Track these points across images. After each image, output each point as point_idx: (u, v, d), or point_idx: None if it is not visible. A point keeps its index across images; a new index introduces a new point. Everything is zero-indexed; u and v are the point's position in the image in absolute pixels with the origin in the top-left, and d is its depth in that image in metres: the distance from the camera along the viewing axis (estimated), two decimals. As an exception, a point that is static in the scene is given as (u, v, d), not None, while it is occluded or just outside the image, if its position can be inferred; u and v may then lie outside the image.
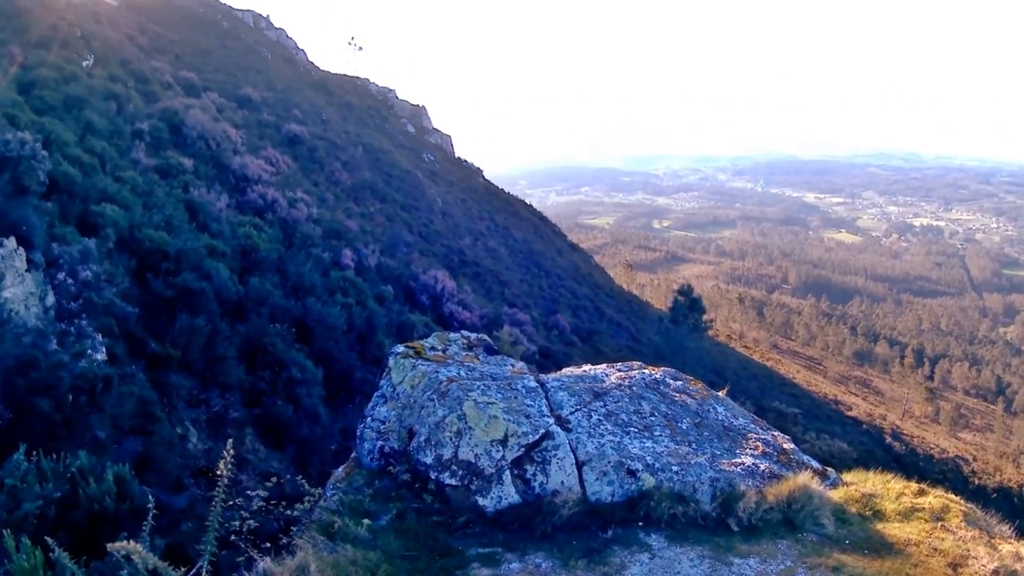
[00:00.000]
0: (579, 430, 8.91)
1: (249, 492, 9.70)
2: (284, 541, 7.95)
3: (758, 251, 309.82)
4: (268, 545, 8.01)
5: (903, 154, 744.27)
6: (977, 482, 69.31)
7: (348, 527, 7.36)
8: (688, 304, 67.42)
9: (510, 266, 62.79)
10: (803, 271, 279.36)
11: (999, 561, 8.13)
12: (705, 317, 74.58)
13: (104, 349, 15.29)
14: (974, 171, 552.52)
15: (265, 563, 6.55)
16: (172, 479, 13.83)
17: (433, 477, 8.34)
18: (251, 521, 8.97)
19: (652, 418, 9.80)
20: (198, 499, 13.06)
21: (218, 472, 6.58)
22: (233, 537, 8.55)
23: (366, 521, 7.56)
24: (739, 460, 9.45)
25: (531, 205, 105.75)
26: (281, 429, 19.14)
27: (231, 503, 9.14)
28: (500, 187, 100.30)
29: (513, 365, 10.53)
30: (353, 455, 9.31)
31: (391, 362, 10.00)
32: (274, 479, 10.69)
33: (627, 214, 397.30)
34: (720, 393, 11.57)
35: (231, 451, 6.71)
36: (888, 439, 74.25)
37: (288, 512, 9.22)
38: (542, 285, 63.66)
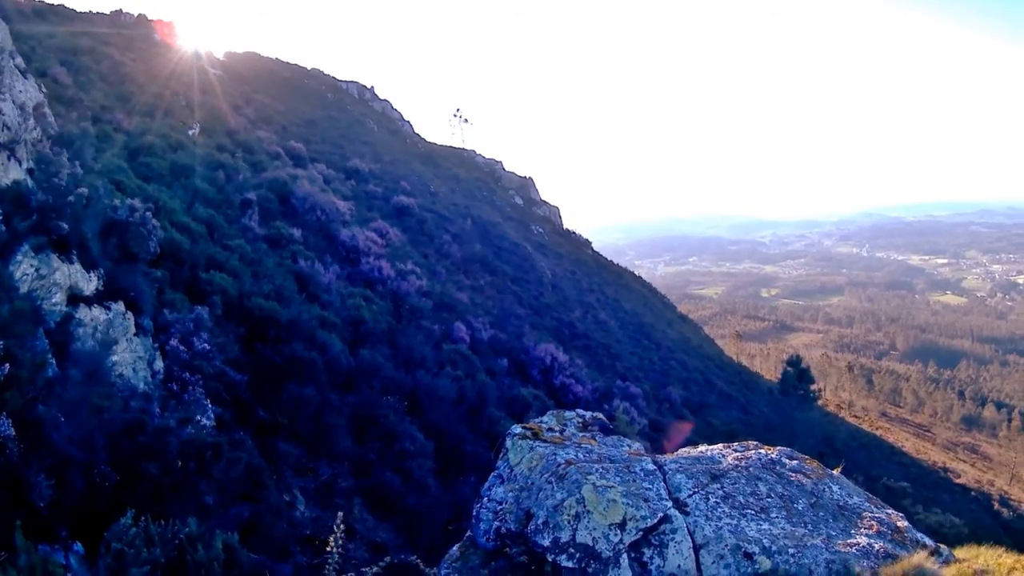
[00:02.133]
0: (696, 513, 8.65)
1: (362, 567, 9.62)
2: None
3: (865, 317, 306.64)
4: None
5: (1003, 208, 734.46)
6: (1082, 546, 67.72)
7: None
8: (797, 374, 66.67)
9: (620, 339, 62.57)
10: (910, 336, 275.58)
11: None
12: (814, 387, 73.88)
13: (213, 415, 15.52)
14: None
15: None
16: (278, 546, 13.78)
17: (550, 559, 8.11)
18: None
19: (768, 499, 9.54)
20: (303, 568, 13.02)
21: (328, 545, 6.44)
22: None
23: None
24: (854, 540, 9.05)
25: (640, 276, 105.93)
26: (390, 500, 19.06)
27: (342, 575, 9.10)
28: (609, 258, 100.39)
29: (630, 446, 10.45)
30: (468, 534, 9.22)
31: (508, 443, 9.96)
32: (387, 558, 10.35)
33: (735, 283, 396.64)
34: (835, 471, 11.18)
35: (341, 525, 6.55)
36: (996, 505, 72.55)
37: None
38: (652, 358, 63.30)
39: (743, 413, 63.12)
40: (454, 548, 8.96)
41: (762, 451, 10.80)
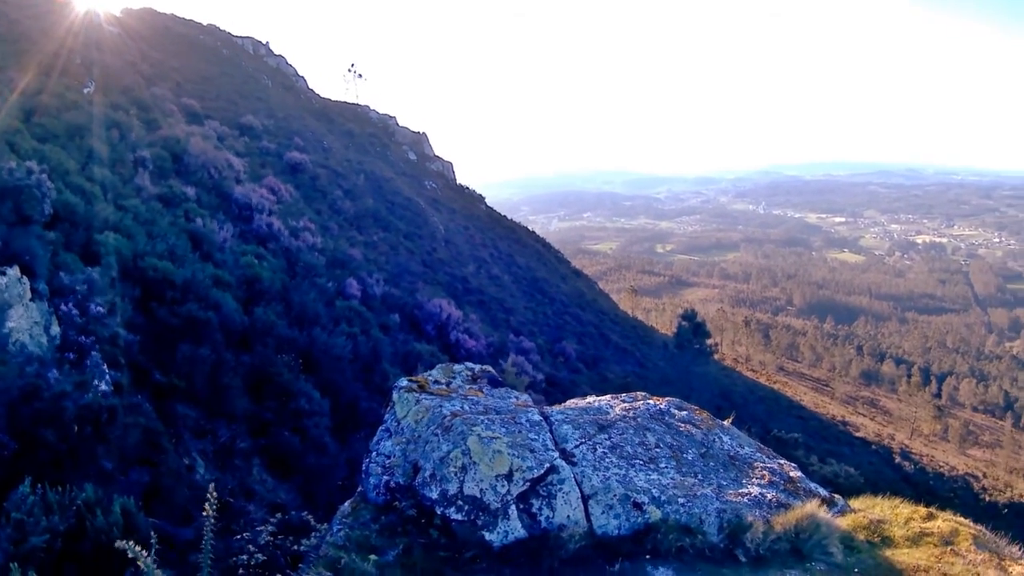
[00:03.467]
0: (584, 464, 8.92)
1: (257, 526, 9.75)
2: None
3: (762, 273, 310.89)
4: None
5: (903, 170, 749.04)
6: (988, 499, 69.30)
7: (355, 563, 7.35)
8: (692, 329, 67.44)
9: (514, 293, 62.83)
10: (807, 292, 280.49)
11: None
12: (710, 341, 74.77)
13: (109, 379, 15.25)
14: (975, 185, 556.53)
15: None
16: (180, 510, 13.72)
17: (439, 512, 8.33)
18: (259, 555, 9.05)
19: (657, 450, 9.82)
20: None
21: (204, 513, 6.51)
22: (241, 571, 8.72)
23: (373, 557, 7.55)
24: (746, 490, 9.46)
25: (533, 231, 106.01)
26: (288, 459, 19.09)
27: (239, 536, 9.35)
28: (503, 214, 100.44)
29: (517, 398, 10.58)
30: (359, 489, 9.31)
31: (395, 396, 10.03)
32: (279, 514, 10.71)
33: (630, 239, 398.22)
34: (725, 422, 11.58)
35: (214, 494, 6.64)
36: (897, 459, 74.27)
37: (295, 547, 9.26)
38: (547, 312, 63.68)
39: (639, 367, 63.69)
40: (346, 504, 9.09)
41: (651, 402, 11.17)
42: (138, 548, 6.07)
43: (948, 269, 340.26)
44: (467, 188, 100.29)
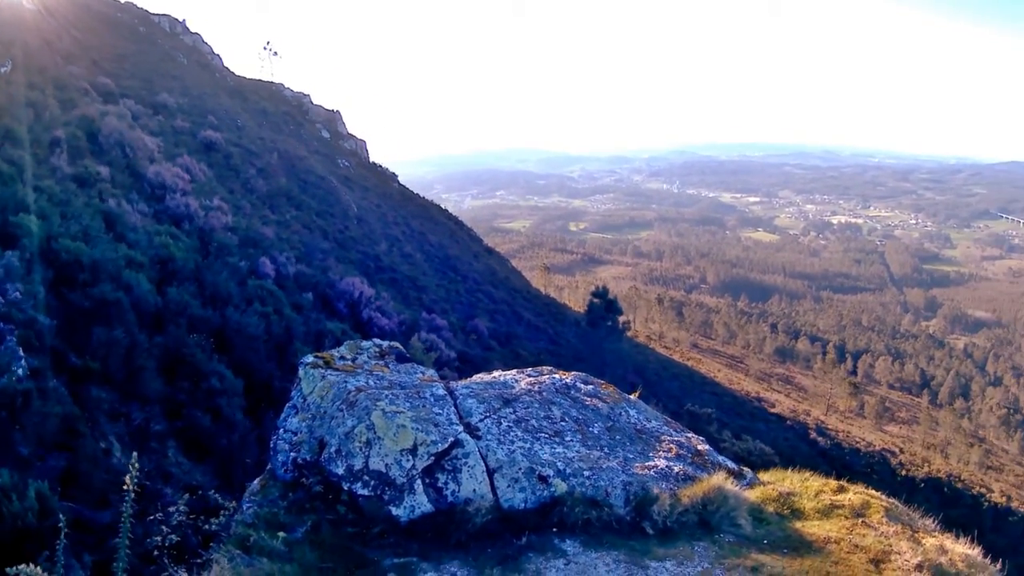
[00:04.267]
0: (489, 437, 8.93)
1: (169, 509, 9.62)
2: (203, 556, 7.66)
3: (675, 252, 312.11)
4: (196, 560, 7.79)
5: (820, 152, 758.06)
6: (905, 473, 71.06)
7: (264, 540, 7.24)
8: (605, 305, 67.44)
9: (427, 271, 62.85)
10: (721, 270, 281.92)
11: (923, 556, 8.04)
12: (623, 318, 74.64)
13: (26, 364, 15.09)
14: (892, 168, 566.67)
15: None
16: (98, 494, 13.68)
17: (346, 488, 8.26)
18: (172, 536, 9.01)
19: (563, 423, 9.84)
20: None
21: (125, 486, 6.63)
22: (156, 552, 8.63)
23: (281, 534, 7.44)
24: (652, 463, 9.48)
25: (446, 210, 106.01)
26: (203, 440, 19.07)
27: (152, 517, 9.23)
28: (415, 192, 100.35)
29: (423, 373, 10.59)
30: (268, 467, 9.22)
31: (301, 372, 9.96)
32: (187, 493, 10.78)
33: (543, 217, 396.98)
34: (633, 396, 11.63)
35: (136, 465, 6.78)
36: (813, 434, 75.19)
37: (206, 526, 9.26)
38: (459, 290, 63.76)
39: (551, 344, 63.96)
40: (255, 482, 9.01)
41: (556, 376, 11.18)
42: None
43: (864, 249, 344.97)
44: (380, 166, 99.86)
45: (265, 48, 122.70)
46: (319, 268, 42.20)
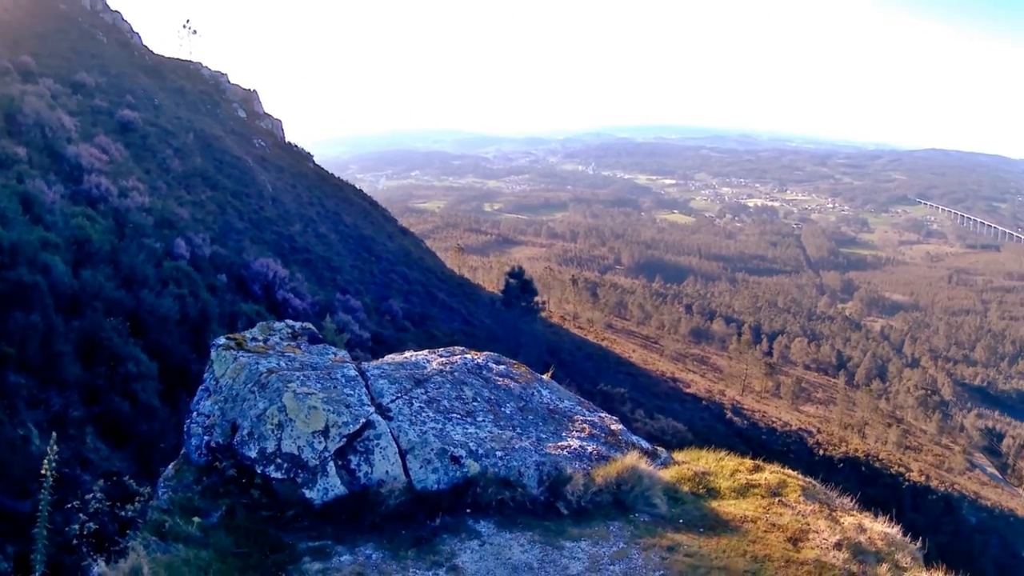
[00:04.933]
0: (400, 418, 9.01)
1: (88, 495, 9.43)
2: (121, 544, 7.73)
3: (590, 233, 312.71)
4: (115, 548, 7.73)
5: (737, 135, 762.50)
6: (822, 453, 72.08)
7: (179, 526, 7.42)
8: (519, 286, 67.40)
9: (341, 252, 62.70)
10: (636, 252, 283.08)
11: (841, 534, 8.40)
12: (537, 299, 74.88)
13: None
14: (810, 153, 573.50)
15: (100, 567, 6.62)
16: (17, 484, 13.72)
17: (259, 471, 8.41)
18: (90, 524, 8.89)
19: (475, 403, 10.00)
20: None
21: (43, 474, 6.77)
22: (75, 541, 8.56)
23: (196, 519, 7.62)
24: (565, 443, 9.65)
25: (361, 190, 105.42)
26: (121, 426, 19.01)
27: (71, 505, 9.13)
28: (330, 172, 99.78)
29: (335, 354, 10.61)
30: (183, 451, 9.27)
31: (213, 354, 9.98)
32: (100, 481, 10.46)
33: (458, 197, 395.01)
34: (545, 376, 11.79)
35: (54, 447, 6.94)
36: (729, 414, 75.90)
37: (123, 513, 9.14)
38: (373, 271, 63.69)
39: (465, 324, 64.07)
40: (169, 466, 9.02)
41: (468, 356, 11.41)
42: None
43: (780, 232, 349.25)
44: (296, 146, 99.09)
45: (184, 26, 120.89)
46: (234, 249, 42.01)
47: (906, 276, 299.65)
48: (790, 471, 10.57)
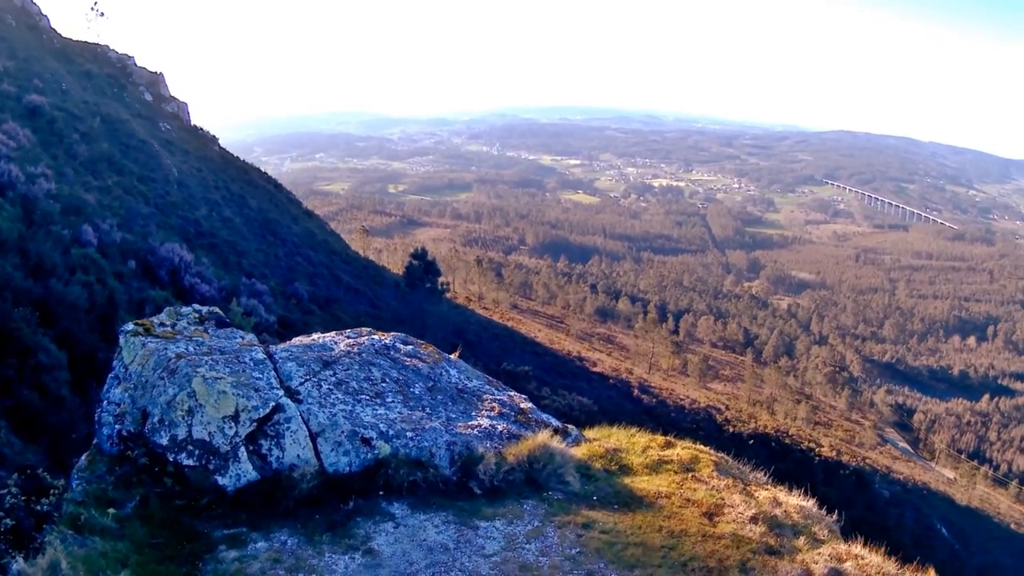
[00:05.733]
0: (310, 401, 9.15)
1: (2, 490, 9.54)
2: (38, 539, 7.76)
3: (494, 213, 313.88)
4: (33, 545, 7.71)
5: (643, 116, 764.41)
6: (732, 430, 73.32)
7: (94, 518, 7.37)
8: (424, 267, 67.16)
9: (247, 236, 62.18)
10: (541, 232, 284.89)
11: (757, 508, 8.76)
12: (442, 280, 74.51)
13: None
14: (716, 134, 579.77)
15: (19, 564, 6.61)
16: None
17: (171, 459, 8.45)
18: (7, 520, 8.92)
19: (384, 384, 10.20)
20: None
21: None
22: None
23: (111, 510, 7.58)
24: (476, 422, 9.97)
25: (266, 173, 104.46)
26: (34, 419, 18.82)
27: None
28: (236, 155, 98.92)
29: (243, 338, 10.68)
30: (95, 441, 9.30)
31: (122, 341, 9.94)
32: (15, 475, 10.40)
33: (362, 179, 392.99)
34: (453, 356, 12.09)
35: None
36: (636, 392, 76.36)
37: (38, 507, 9.10)
38: (279, 254, 63.28)
39: (371, 307, 63.90)
40: (82, 458, 9.03)
41: (376, 337, 11.61)
42: None
43: (685, 212, 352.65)
44: (201, 129, 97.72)
45: (92, 8, 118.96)
46: (140, 235, 41.36)
47: (813, 255, 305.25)
48: (702, 447, 10.81)
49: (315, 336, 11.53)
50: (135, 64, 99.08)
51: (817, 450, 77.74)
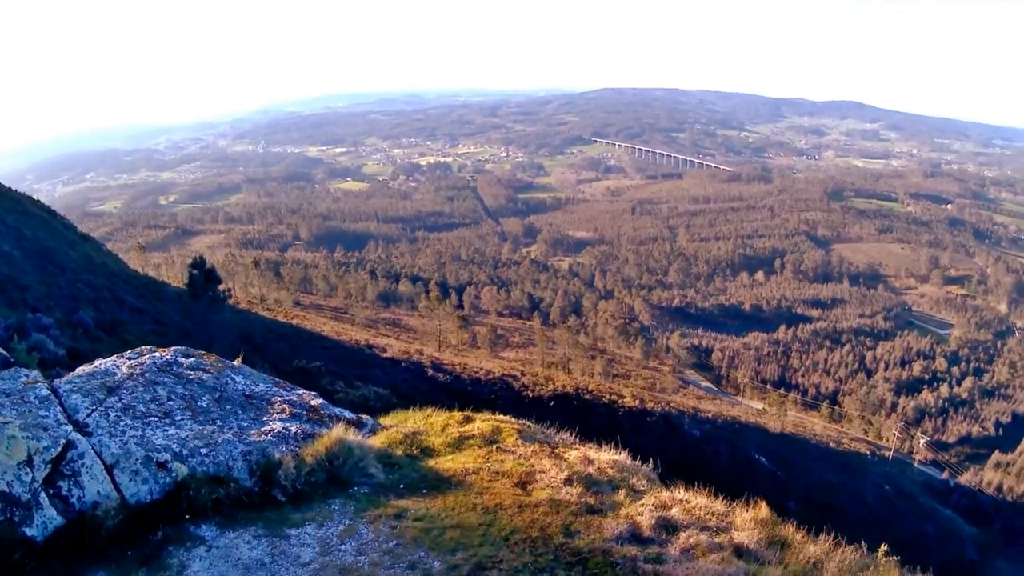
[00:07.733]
0: (99, 432, 8.84)
1: None
2: None
3: (266, 212, 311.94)
4: None
5: (405, 97, 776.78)
6: (531, 395, 73.07)
7: None
8: (204, 276, 66.16)
9: (27, 269, 60.19)
10: (314, 225, 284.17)
11: (569, 470, 9.05)
12: (223, 287, 73.58)
13: None
14: (479, 105, 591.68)
15: None
16: None
17: None
18: None
19: (171, 403, 9.99)
20: None
21: None
22: None
23: None
24: (269, 427, 9.97)
25: (39, 200, 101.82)
26: None
27: None
28: (8, 186, 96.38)
29: (27, 376, 10.14)
30: None
31: None
32: None
33: (133, 195, 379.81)
34: (236, 362, 12.05)
35: None
36: (430, 371, 76.10)
37: None
38: (60, 283, 61.35)
39: (156, 324, 62.59)
40: None
41: (156, 354, 11.39)
42: None
43: (456, 186, 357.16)
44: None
45: None
46: (-85, 281, 40.19)
47: (588, 213, 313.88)
48: (502, 416, 11.06)
49: (97, 363, 11.20)
50: None
51: (620, 402, 78.52)
